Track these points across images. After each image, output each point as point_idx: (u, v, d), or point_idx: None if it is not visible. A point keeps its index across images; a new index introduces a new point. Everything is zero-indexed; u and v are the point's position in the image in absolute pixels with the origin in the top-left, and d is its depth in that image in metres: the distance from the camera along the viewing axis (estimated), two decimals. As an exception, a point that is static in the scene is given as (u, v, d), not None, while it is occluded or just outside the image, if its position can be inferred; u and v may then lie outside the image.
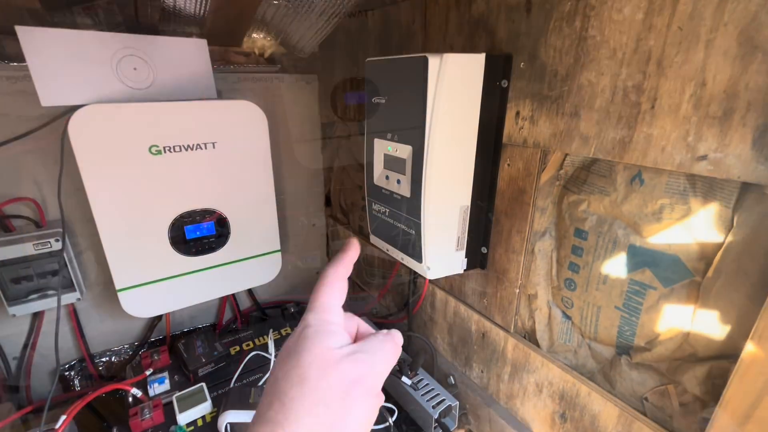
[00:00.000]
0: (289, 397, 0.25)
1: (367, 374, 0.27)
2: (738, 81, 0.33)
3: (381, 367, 0.28)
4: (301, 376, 0.25)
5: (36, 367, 0.85)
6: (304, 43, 0.86)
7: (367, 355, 0.27)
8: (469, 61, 0.50)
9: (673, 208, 0.42)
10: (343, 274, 0.32)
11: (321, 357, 0.26)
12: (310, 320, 0.29)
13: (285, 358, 0.27)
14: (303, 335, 0.28)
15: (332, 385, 0.25)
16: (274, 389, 0.26)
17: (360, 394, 0.26)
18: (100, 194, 0.69)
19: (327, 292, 0.31)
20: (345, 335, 0.29)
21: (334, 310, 0.30)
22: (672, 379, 0.46)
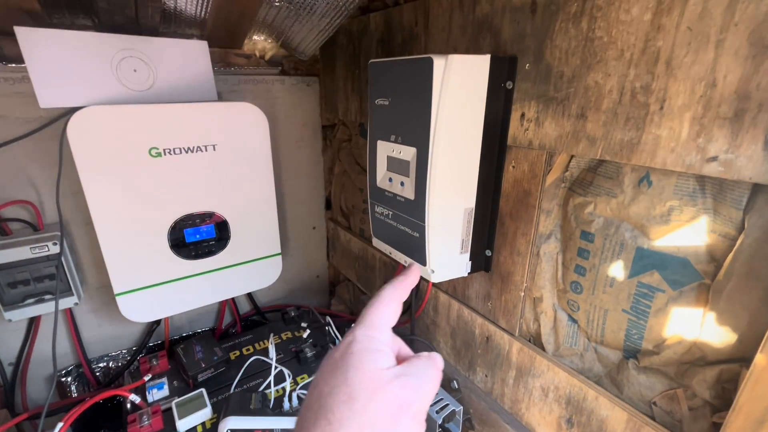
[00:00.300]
0: (336, 417, 0.24)
1: (414, 399, 0.26)
2: (749, 81, 0.33)
3: (427, 390, 0.27)
4: (350, 395, 0.25)
5: (32, 373, 0.83)
6: (305, 45, 0.85)
7: (414, 379, 0.27)
8: (474, 63, 0.50)
9: (682, 210, 0.41)
10: (400, 297, 0.32)
11: (370, 377, 0.26)
12: (358, 334, 0.28)
13: (331, 372, 0.27)
14: (350, 350, 0.27)
15: (380, 409, 0.25)
16: (320, 405, 0.25)
17: (408, 419, 0.25)
18: (99, 197, 0.68)
19: (380, 310, 0.30)
20: (392, 356, 0.29)
21: (384, 329, 0.30)
22: (681, 383, 0.45)
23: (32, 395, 0.84)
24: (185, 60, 0.76)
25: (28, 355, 0.82)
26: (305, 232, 1.14)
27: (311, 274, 1.19)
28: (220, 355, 0.81)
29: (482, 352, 0.67)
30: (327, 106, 1.01)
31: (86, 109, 0.64)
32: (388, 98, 0.57)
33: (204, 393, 0.72)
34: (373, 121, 0.61)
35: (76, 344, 0.86)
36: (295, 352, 0.86)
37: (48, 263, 0.73)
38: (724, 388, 0.41)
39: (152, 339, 0.96)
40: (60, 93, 0.66)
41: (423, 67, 0.49)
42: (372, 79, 0.59)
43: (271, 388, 0.74)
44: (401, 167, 0.57)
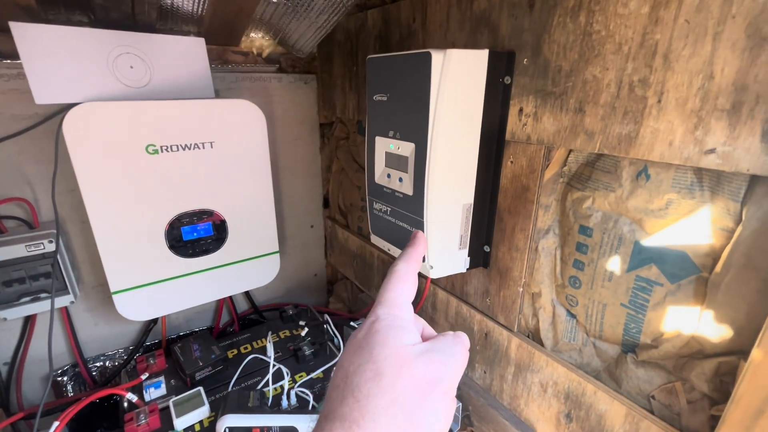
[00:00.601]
0: (363, 394, 0.23)
1: (443, 375, 0.25)
2: (747, 73, 0.33)
3: (456, 368, 0.27)
4: (376, 371, 0.24)
5: (28, 373, 0.83)
6: (302, 42, 0.85)
7: (441, 355, 0.26)
8: (472, 57, 0.50)
9: (680, 203, 0.41)
10: (414, 269, 0.31)
11: (395, 353, 0.25)
12: (380, 313, 0.28)
13: (356, 350, 0.26)
14: (374, 329, 0.26)
15: (409, 385, 0.24)
16: (346, 383, 0.24)
17: (437, 395, 0.25)
18: (95, 194, 0.68)
19: (398, 287, 0.29)
20: (416, 332, 0.28)
21: (405, 306, 0.29)
22: (679, 376, 0.45)
23: (28, 395, 0.83)
24: (182, 57, 0.75)
25: (23, 354, 0.81)
26: (303, 230, 1.13)
27: (309, 272, 1.19)
28: (217, 354, 0.80)
29: (481, 349, 0.67)
30: (325, 103, 1.01)
31: (82, 106, 0.63)
32: (387, 94, 0.57)
33: (202, 391, 0.72)
34: (371, 117, 0.61)
35: (72, 343, 0.86)
36: (293, 350, 0.85)
37: (44, 261, 0.73)
38: (722, 380, 0.41)
39: (149, 338, 0.95)
40: (56, 89, 0.65)
41: (421, 62, 0.49)
42: (370, 75, 0.59)
43: (269, 386, 0.74)
44: (400, 163, 0.57)
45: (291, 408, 0.72)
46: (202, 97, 0.79)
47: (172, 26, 0.76)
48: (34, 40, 0.62)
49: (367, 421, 0.23)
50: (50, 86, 0.65)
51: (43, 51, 0.63)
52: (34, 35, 0.62)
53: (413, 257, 0.32)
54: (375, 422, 0.23)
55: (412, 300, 0.30)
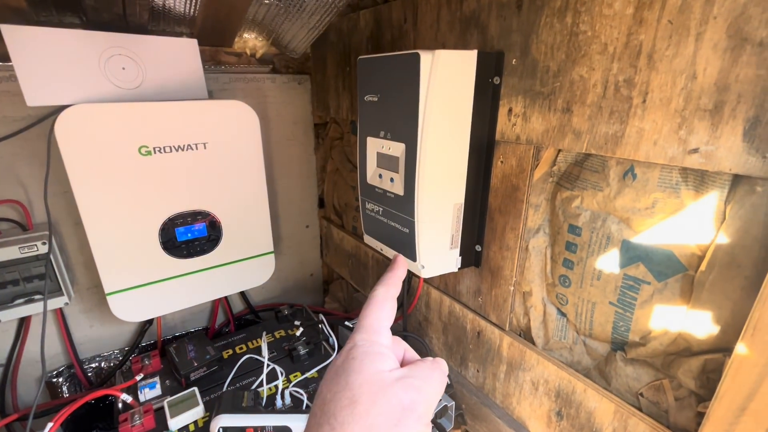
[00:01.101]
0: (339, 422, 0.24)
1: (418, 401, 0.26)
2: (728, 73, 0.33)
3: (431, 394, 0.27)
4: (351, 399, 0.25)
5: (23, 374, 0.83)
6: (295, 43, 0.85)
7: (418, 381, 0.26)
8: (461, 58, 0.50)
9: (666, 202, 0.42)
10: (393, 294, 0.32)
11: (371, 380, 0.26)
12: (357, 340, 0.28)
13: (333, 378, 0.27)
14: (351, 355, 0.27)
15: (384, 411, 0.24)
16: (323, 411, 0.25)
17: (411, 422, 0.25)
18: (88, 196, 0.68)
19: (375, 313, 0.30)
20: (394, 358, 0.28)
21: (383, 332, 0.30)
22: (667, 373, 0.46)
23: (23, 396, 0.84)
24: (175, 58, 0.75)
25: (18, 356, 0.81)
26: (298, 230, 1.13)
27: (305, 272, 1.19)
28: (212, 354, 0.80)
29: (473, 348, 0.68)
30: (318, 104, 1.01)
31: (74, 108, 0.64)
32: (377, 94, 0.57)
33: (196, 392, 0.72)
34: (362, 118, 0.61)
35: (67, 345, 0.86)
36: (288, 350, 0.86)
37: (37, 263, 0.73)
38: (708, 377, 0.42)
39: (145, 339, 0.95)
40: (47, 91, 0.65)
41: (410, 63, 0.49)
42: (361, 76, 0.60)
43: (263, 386, 0.74)
44: (391, 163, 0.57)
45: (285, 408, 0.72)
46: (195, 98, 0.79)
47: (164, 27, 0.76)
48: (26, 42, 0.62)
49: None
50: (42, 88, 0.65)
51: (34, 53, 0.63)
52: (25, 37, 0.62)
53: (391, 282, 0.32)
54: None
55: (390, 325, 0.31)
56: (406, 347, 0.31)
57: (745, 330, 0.33)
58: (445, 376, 0.29)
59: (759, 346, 0.32)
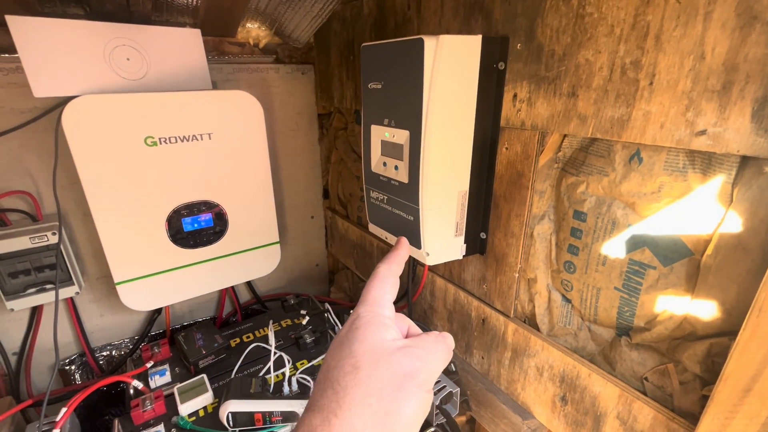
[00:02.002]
0: (341, 386, 0.25)
1: (420, 368, 0.26)
2: (737, 53, 0.33)
3: (434, 364, 0.28)
4: (354, 365, 0.25)
5: (36, 362, 0.85)
6: (299, 32, 0.85)
7: (420, 351, 0.27)
8: (465, 43, 0.50)
9: (673, 185, 0.41)
10: (395, 271, 0.33)
11: (374, 347, 0.26)
12: (360, 312, 0.29)
13: (337, 347, 0.27)
14: (354, 326, 0.28)
15: (385, 377, 0.25)
16: (327, 377, 0.26)
17: (413, 388, 0.25)
18: (96, 186, 0.69)
19: (378, 287, 0.31)
20: (396, 329, 0.29)
21: (386, 305, 0.30)
22: (672, 358, 0.46)
23: (37, 383, 0.86)
24: (178, 48, 0.76)
25: (31, 344, 0.83)
26: (304, 221, 1.14)
27: (310, 262, 1.20)
28: (220, 342, 0.82)
29: (478, 335, 0.68)
30: (322, 93, 1.01)
31: (80, 99, 0.64)
32: (381, 82, 0.57)
33: (205, 378, 0.73)
34: (366, 106, 0.61)
35: (79, 333, 0.88)
36: (294, 338, 0.87)
37: (48, 253, 0.74)
38: (714, 361, 0.42)
39: (154, 328, 0.97)
40: (54, 82, 0.66)
41: (414, 49, 0.49)
42: (365, 63, 0.59)
43: (270, 374, 0.75)
44: (395, 151, 0.57)
45: (292, 394, 0.73)
46: (199, 88, 0.79)
47: (167, 18, 0.76)
48: (31, 34, 0.62)
49: (344, 410, 0.24)
50: (48, 79, 0.65)
51: (40, 44, 0.63)
52: (30, 28, 0.62)
53: (395, 260, 0.33)
54: (351, 411, 0.24)
55: (393, 299, 0.31)
56: (411, 323, 0.32)
57: (750, 311, 0.33)
58: (449, 348, 0.29)
59: (764, 327, 0.32)
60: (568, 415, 0.55)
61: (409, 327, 0.32)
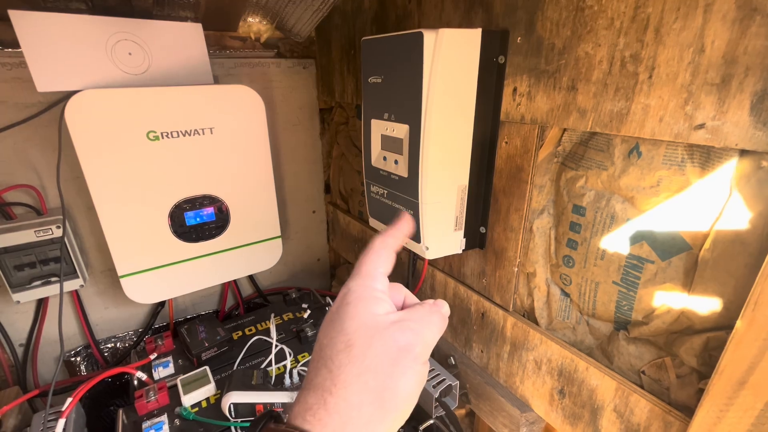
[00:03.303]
0: (335, 364, 0.24)
1: (414, 342, 0.26)
2: (737, 45, 0.33)
3: (428, 335, 0.27)
4: (347, 342, 0.25)
5: (43, 353, 0.86)
6: (300, 26, 0.85)
7: (414, 323, 0.27)
8: (465, 37, 0.50)
9: (671, 179, 0.41)
10: (391, 244, 0.31)
11: (366, 323, 0.26)
12: (351, 286, 0.28)
13: (329, 324, 0.27)
14: (345, 301, 0.27)
15: (379, 353, 0.25)
16: (320, 356, 0.26)
17: (408, 361, 0.25)
18: (99, 180, 0.69)
19: (371, 259, 0.30)
20: (390, 302, 0.28)
21: (378, 278, 0.29)
22: (669, 351, 0.46)
23: (44, 374, 0.87)
24: (180, 43, 0.76)
25: (37, 336, 0.85)
26: (305, 215, 1.15)
27: (312, 257, 1.21)
28: (223, 335, 0.83)
29: (478, 328, 0.69)
30: (323, 88, 1.01)
31: (83, 93, 0.64)
32: (381, 76, 0.57)
33: (208, 370, 0.74)
34: (366, 100, 0.61)
35: (84, 325, 0.89)
36: (296, 331, 0.88)
37: (53, 246, 0.75)
38: (710, 355, 0.42)
39: (157, 321, 0.98)
40: (57, 77, 0.66)
41: (414, 43, 0.49)
42: (365, 57, 0.59)
43: (272, 366, 0.76)
44: (395, 145, 0.58)
45: (293, 386, 0.74)
46: (200, 83, 0.79)
47: (168, 12, 0.76)
48: (34, 28, 0.63)
49: (338, 389, 0.24)
50: (51, 74, 0.66)
51: (43, 39, 0.64)
52: (33, 23, 0.63)
53: (391, 233, 0.32)
54: (346, 389, 0.24)
55: (387, 273, 0.30)
56: (407, 293, 0.31)
57: (746, 305, 0.33)
58: (444, 318, 0.29)
59: (760, 320, 0.32)
60: (565, 408, 0.55)
61: (405, 297, 0.31)
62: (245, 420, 0.66)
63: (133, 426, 0.66)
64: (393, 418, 0.25)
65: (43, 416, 0.62)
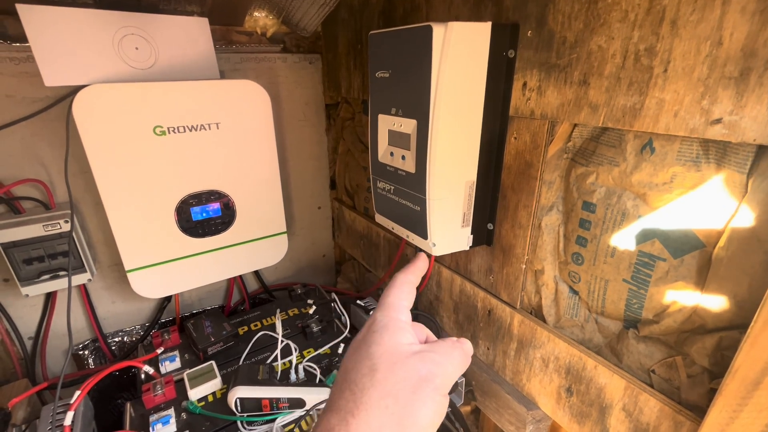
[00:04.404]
0: (359, 387, 0.25)
1: (436, 373, 0.27)
2: (756, 38, 0.32)
3: (450, 369, 0.28)
4: (371, 367, 0.26)
5: (51, 347, 0.87)
6: (306, 20, 0.84)
7: (436, 356, 0.28)
8: (474, 30, 0.49)
9: (685, 176, 0.40)
10: (412, 280, 0.34)
11: (390, 351, 0.27)
12: (378, 317, 0.30)
13: (355, 350, 0.28)
14: (372, 329, 0.29)
15: (401, 379, 0.26)
16: (344, 378, 0.27)
17: (429, 391, 0.26)
18: (107, 175, 0.70)
19: (395, 293, 0.32)
20: (413, 333, 0.30)
21: (402, 310, 0.31)
22: (680, 350, 0.46)
23: (52, 367, 0.88)
24: (186, 37, 0.76)
25: (46, 329, 0.85)
26: (311, 211, 1.14)
27: (317, 253, 1.21)
28: (228, 330, 0.83)
29: (484, 326, 0.68)
30: (330, 83, 1.00)
31: (90, 88, 0.65)
32: (389, 70, 0.56)
33: (214, 365, 0.75)
34: (373, 95, 0.61)
35: (92, 319, 0.90)
36: (301, 327, 0.88)
37: (61, 240, 0.75)
38: (723, 355, 0.41)
39: (164, 315, 0.99)
40: (64, 71, 0.66)
41: (422, 36, 0.48)
42: (372, 52, 0.59)
43: (278, 361, 0.77)
44: (402, 141, 0.57)
45: (299, 381, 0.74)
46: (207, 78, 0.79)
47: (175, 6, 0.76)
48: (41, 22, 0.63)
49: (360, 411, 0.24)
50: (59, 68, 0.66)
51: (50, 33, 0.64)
52: (40, 17, 0.63)
53: (412, 270, 0.35)
54: (368, 412, 0.24)
55: (410, 306, 0.32)
56: (429, 333, 0.32)
57: (763, 303, 0.32)
58: (466, 354, 0.30)
59: (777, 320, 0.32)
60: (573, 406, 0.55)
61: (427, 336, 0.32)
62: (251, 414, 0.66)
63: (140, 419, 0.67)
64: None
65: (51, 408, 0.63)
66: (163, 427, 0.64)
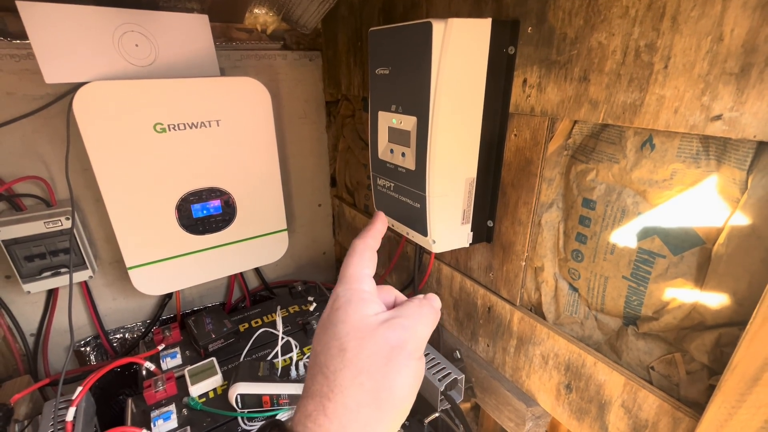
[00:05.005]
0: (331, 370, 0.25)
1: (407, 338, 0.26)
2: (757, 34, 0.32)
3: (420, 330, 0.27)
4: (340, 347, 0.25)
5: (53, 343, 0.87)
6: (306, 17, 0.84)
7: (404, 320, 0.27)
8: (474, 27, 0.49)
9: (686, 173, 0.40)
10: (371, 245, 0.32)
11: (357, 326, 0.26)
12: (339, 291, 0.29)
13: (321, 331, 0.27)
14: (335, 307, 0.28)
15: (372, 353, 0.25)
16: (315, 363, 0.26)
17: (402, 359, 0.25)
18: (107, 172, 0.70)
19: (355, 263, 0.30)
20: (379, 303, 0.29)
21: (365, 280, 0.30)
22: (679, 347, 0.46)
23: (54, 364, 0.89)
24: (186, 34, 0.75)
25: (48, 326, 0.86)
26: (311, 209, 1.15)
27: (318, 250, 1.21)
28: (229, 327, 0.83)
29: (484, 323, 0.68)
30: (330, 81, 1.00)
31: (90, 85, 0.65)
32: (389, 67, 0.56)
33: (215, 361, 0.75)
34: (373, 92, 0.61)
35: (93, 316, 0.90)
36: (301, 324, 0.88)
37: (62, 237, 0.76)
38: (722, 351, 0.41)
39: (165, 312, 0.99)
40: (64, 68, 0.66)
41: (422, 33, 0.48)
42: (372, 48, 0.59)
43: (278, 358, 0.77)
44: (402, 138, 0.57)
45: (299, 378, 0.74)
46: (207, 75, 0.79)
47: (175, 3, 0.76)
48: (41, 19, 0.63)
49: (335, 393, 0.24)
50: (59, 65, 0.66)
51: (50, 29, 0.64)
52: (41, 14, 0.63)
53: (370, 234, 0.32)
54: (343, 393, 0.24)
55: (372, 273, 0.30)
56: (397, 293, 0.31)
57: (762, 300, 0.32)
58: (435, 311, 0.29)
59: (776, 316, 0.32)
60: (572, 402, 0.55)
61: (395, 297, 0.31)
62: (252, 411, 0.66)
63: (141, 415, 0.67)
64: (392, 417, 0.25)
65: (53, 404, 0.63)
66: (164, 422, 0.64)
